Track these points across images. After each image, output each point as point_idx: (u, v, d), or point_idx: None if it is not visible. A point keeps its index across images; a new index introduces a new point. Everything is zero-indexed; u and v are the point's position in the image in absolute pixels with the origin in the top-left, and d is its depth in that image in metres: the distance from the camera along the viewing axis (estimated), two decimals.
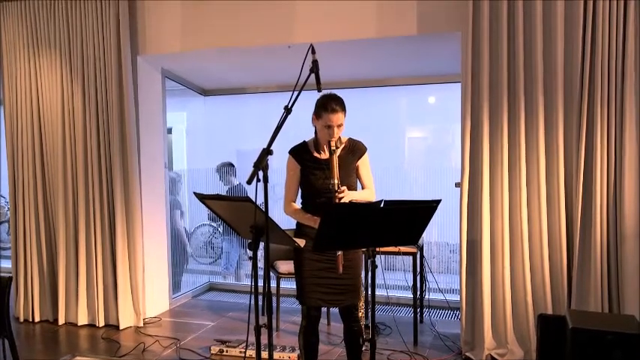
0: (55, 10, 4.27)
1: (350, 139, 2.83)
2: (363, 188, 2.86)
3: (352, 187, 2.78)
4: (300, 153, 2.79)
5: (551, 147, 3.36)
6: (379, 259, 2.68)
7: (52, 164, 4.40)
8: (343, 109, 2.68)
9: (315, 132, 2.79)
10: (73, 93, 4.29)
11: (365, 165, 2.84)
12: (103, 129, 4.24)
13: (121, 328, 4.28)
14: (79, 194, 4.30)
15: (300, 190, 2.84)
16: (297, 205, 2.85)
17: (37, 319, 4.49)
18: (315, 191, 2.73)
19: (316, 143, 2.79)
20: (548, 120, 3.35)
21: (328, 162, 2.66)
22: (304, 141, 2.84)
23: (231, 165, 5.93)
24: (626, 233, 3.20)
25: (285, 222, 2.81)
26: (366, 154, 2.83)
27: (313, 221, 2.67)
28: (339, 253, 2.61)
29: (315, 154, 2.78)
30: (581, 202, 3.28)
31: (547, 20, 3.30)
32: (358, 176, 2.84)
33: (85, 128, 4.27)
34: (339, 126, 2.67)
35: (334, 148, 2.63)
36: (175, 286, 5.28)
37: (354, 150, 2.80)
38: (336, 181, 2.59)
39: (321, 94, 2.68)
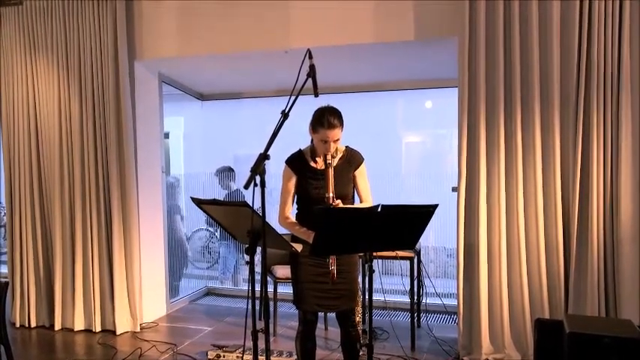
0: (52, 15, 4.28)
1: (347, 149, 2.80)
2: (360, 200, 2.82)
3: (348, 197, 2.76)
4: (296, 162, 2.76)
5: (547, 151, 3.37)
6: (376, 264, 2.68)
7: (48, 169, 4.39)
8: (341, 123, 2.64)
9: (312, 140, 2.76)
10: (70, 98, 4.29)
11: (362, 176, 2.80)
12: (100, 134, 4.24)
13: (118, 333, 4.26)
14: (75, 199, 4.29)
15: (295, 197, 2.82)
16: (292, 212, 2.82)
17: (33, 324, 4.47)
18: (311, 200, 2.70)
19: (313, 151, 2.76)
20: (544, 123, 3.37)
21: (324, 172, 2.63)
22: (300, 149, 2.81)
23: (231, 170, 5.93)
24: (623, 237, 3.21)
25: (277, 219, 2.80)
26: (363, 165, 2.80)
27: (307, 235, 2.64)
28: (333, 267, 2.58)
29: (312, 164, 2.75)
30: (577, 206, 3.29)
31: (543, 24, 3.32)
32: (355, 187, 2.81)
33: (82, 133, 4.27)
34: (336, 140, 2.64)
35: (329, 161, 2.60)
36: (173, 290, 5.27)
37: (351, 160, 2.77)
38: (330, 195, 2.56)
39: (317, 105, 2.66)
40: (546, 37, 3.32)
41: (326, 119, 2.60)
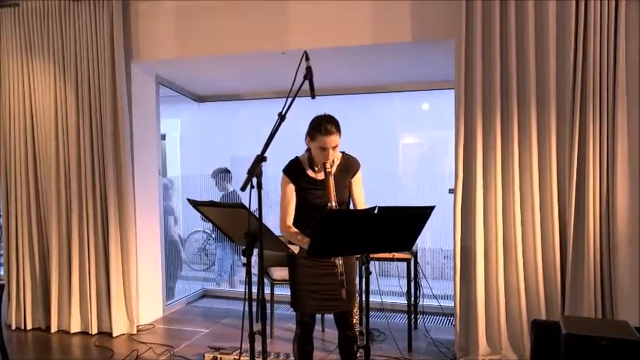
0: (48, 16, 4.26)
1: (344, 155, 2.79)
2: (354, 205, 2.81)
3: (345, 204, 2.76)
4: (294, 172, 2.74)
5: (544, 152, 3.37)
6: (373, 266, 2.68)
7: (44, 170, 4.38)
8: (338, 130, 2.63)
9: (309, 148, 2.74)
10: (66, 99, 4.28)
11: (358, 182, 2.80)
12: (96, 135, 4.22)
13: (114, 335, 4.25)
14: (72, 201, 4.28)
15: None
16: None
17: (29, 326, 4.44)
18: (311, 209, 2.70)
19: (310, 159, 2.74)
20: (540, 125, 3.37)
21: (323, 181, 2.62)
22: (297, 157, 2.79)
23: (227, 171, 5.93)
24: (619, 238, 3.22)
25: (279, 228, 2.80)
26: (359, 172, 2.80)
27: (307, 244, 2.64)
28: (342, 277, 2.53)
29: (310, 173, 2.74)
30: (574, 207, 3.29)
31: (539, 25, 3.33)
32: (350, 193, 2.80)
33: (79, 134, 4.25)
34: (334, 147, 2.62)
35: (330, 169, 2.59)
36: (169, 292, 5.26)
37: (348, 168, 2.77)
38: (333, 204, 2.55)
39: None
40: (542, 39, 3.32)
41: (324, 126, 2.59)
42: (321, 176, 2.69)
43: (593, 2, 3.18)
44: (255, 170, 2.19)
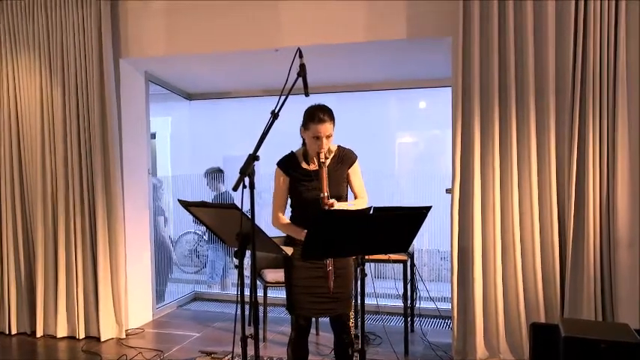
0: (34, 10, 4.18)
1: (339, 148, 2.78)
2: (355, 197, 2.81)
3: (342, 197, 2.74)
4: (288, 165, 2.74)
5: (543, 152, 3.35)
6: (369, 267, 2.66)
7: (30, 170, 4.29)
8: (331, 119, 2.63)
9: (304, 141, 2.74)
10: (52, 96, 4.19)
11: (356, 173, 2.79)
12: (83, 134, 4.15)
13: (102, 339, 4.18)
14: (58, 201, 4.19)
15: (289, 200, 2.79)
16: (286, 215, 2.79)
17: (14, 331, 4.37)
18: (305, 202, 2.67)
19: (305, 153, 2.74)
20: (539, 124, 3.35)
21: (317, 173, 2.61)
22: (292, 152, 2.79)
23: (220, 171, 5.88)
24: (619, 241, 3.20)
25: (273, 229, 2.76)
26: (356, 163, 2.79)
27: (300, 233, 2.61)
28: (330, 268, 2.56)
29: (304, 165, 2.73)
30: (573, 208, 3.27)
31: (538, 23, 3.31)
32: (350, 185, 2.80)
33: (65, 133, 4.17)
34: (328, 137, 2.62)
35: (323, 160, 2.59)
36: (159, 295, 5.19)
37: (344, 159, 2.76)
38: (325, 194, 2.54)
39: (308, 104, 2.65)
40: (541, 37, 3.30)
41: (317, 115, 2.60)
42: (314, 168, 2.68)
43: (593, 1, 3.15)
44: (248, 170, 2.17)
